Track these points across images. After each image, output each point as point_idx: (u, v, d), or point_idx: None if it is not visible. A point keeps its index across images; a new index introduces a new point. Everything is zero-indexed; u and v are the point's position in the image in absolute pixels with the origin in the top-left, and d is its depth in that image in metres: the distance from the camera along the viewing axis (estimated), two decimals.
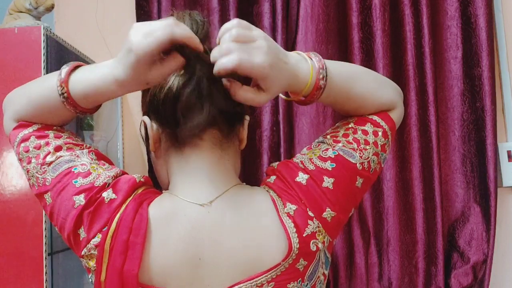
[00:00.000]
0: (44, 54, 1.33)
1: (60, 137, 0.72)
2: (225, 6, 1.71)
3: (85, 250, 0.66)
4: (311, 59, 0.70)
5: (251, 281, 0.66)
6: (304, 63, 0.69)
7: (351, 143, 0.72)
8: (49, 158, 0.69)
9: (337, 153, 0.71)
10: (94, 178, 0.67)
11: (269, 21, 1.71)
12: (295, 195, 0.70)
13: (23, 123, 0.73)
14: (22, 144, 0.71)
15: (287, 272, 0.67)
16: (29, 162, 0.70)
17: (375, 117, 0.75)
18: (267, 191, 0.72)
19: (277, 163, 0.75)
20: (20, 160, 0.73)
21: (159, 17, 1.77)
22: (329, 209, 0.69)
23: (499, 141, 1.71)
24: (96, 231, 0.65)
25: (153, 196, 0.70)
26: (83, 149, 0.72)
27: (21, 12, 1.45)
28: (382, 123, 0.75)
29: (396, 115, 0.78)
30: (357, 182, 0.72)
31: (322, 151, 0.72)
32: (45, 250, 1.25)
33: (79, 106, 0.69)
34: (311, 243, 0.68)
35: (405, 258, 1.66)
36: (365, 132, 0.73)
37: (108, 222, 0.65)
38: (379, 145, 0.74)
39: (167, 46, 0.61)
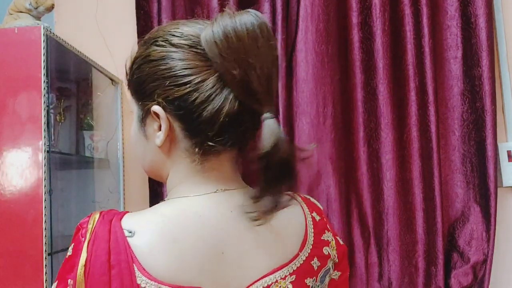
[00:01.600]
0: (44, 54, 1.33)
1: None
2: (225, 6, 1.71)
3: None
4: None
5: (275, 273, 0.66)
6: None
7: None
8: None
9: None
10: None
11: (269, 21, 1.71)
12: (321, 212, 0.75)
13: None
14: None
15: (305, 266, 0.68)
16: None
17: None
18: (291, 195, 0.74)
19: None
20: None
21: (159, 17, 1.77)
22: (339, 239, 0.76)
23: (499, 141, 1.71)
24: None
25: (120, 212, 0.65)
26: None
27: (21, 12, 1.45)
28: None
29: None
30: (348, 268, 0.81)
31: None
32: (45, 250, 1.25)
33: None
34: (323, 248, 0.72)
35: (405, 258, 1.66)
36: None
37: (79, 256, 0.61)
38: None
39: None
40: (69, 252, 0.63)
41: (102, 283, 0.59)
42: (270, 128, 0.61)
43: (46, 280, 1.24)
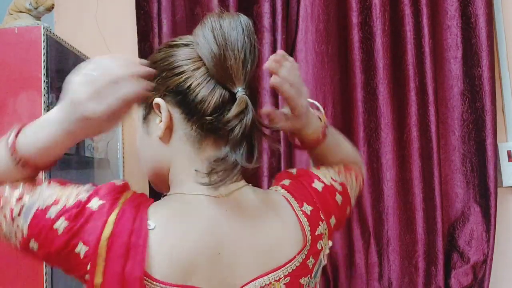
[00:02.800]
0: (44, 54, 1.33)
1: (16, 187, 0.68)
2: (224, 6, 1.71)
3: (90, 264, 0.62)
4: (318, 110, 0.86)
5: (269, 275, 0.67)
6: (314, 115, 0.84)
7: (345, 177, 0.87)
8: (15, 212, 0.66)
9: (341, 181, 0.84)
10: (64, 202, 0.64)
11: (269, 21, 1.71)
12: (311, 198, 0.76)
13: None
14: None
15: (301, 267, 0.69)
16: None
17: (354, 173, 0.90)
18: (278, 191, 0.76)
19: (295, 169, 0.83)
20: None
21: (159, 17, 1.77)
22: (334, 217, 0.78)
23: (499, 141, 1.71)
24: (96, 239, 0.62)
25: (147, 199, 0.68)
26: (42, 184, 0.69)
27: (21, 12, 1.45)
28: (359, 178, 0.91)
29: (363, 172, 0.95)
30: (347, 209, 0.85)
31: (333, 173, 0.84)
32: None
33: (39, 166, 0.70)
34: (318, 243, 0.73)
35: (405, 258, 1.66)
36: (350, 174, 0.89)
37: (103, 226, 0.62)
38: (355, 188, 0.89)
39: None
40: (100, 201, 0.64)
41: (120, 259, 0.61)
42: (238, 101, 0.66)
43: (46, 281, 1.24)
